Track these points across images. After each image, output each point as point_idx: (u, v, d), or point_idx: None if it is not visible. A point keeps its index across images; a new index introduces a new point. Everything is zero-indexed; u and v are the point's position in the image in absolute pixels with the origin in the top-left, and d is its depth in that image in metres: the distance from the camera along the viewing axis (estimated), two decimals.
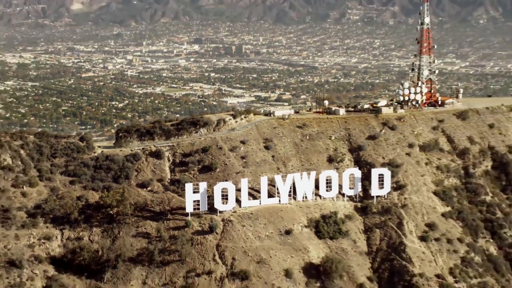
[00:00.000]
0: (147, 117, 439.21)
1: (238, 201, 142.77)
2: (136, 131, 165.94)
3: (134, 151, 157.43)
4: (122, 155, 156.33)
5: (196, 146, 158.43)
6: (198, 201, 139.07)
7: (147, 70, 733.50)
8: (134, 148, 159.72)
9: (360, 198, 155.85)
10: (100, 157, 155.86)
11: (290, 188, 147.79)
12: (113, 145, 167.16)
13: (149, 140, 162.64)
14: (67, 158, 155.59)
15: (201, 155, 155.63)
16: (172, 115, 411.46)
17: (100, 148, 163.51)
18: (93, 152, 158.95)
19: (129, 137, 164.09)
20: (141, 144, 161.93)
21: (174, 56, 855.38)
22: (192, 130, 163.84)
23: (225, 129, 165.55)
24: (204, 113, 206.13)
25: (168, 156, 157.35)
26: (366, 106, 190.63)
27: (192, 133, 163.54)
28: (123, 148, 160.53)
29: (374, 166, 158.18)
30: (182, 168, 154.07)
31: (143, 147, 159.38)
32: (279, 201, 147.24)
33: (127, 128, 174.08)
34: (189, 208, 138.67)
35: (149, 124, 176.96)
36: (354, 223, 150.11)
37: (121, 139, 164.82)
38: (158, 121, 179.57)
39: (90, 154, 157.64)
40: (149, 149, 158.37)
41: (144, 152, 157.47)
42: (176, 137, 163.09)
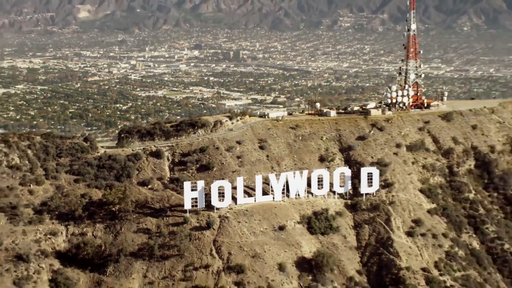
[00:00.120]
0: (150, 118, 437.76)
1: (234, 199, 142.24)
2: (137, 132, 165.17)
3: (135, 151, 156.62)
4: (124, 155, 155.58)
5: (194, 146, 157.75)
6: (196, 198, 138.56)
7: (149, 74, 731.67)
8: (135, 148, 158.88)
9: (350, 195, 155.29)
10: (103, 156, 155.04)
11: (284, 186, 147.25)
12: (116, 145, 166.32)
13: (149, 141, 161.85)
14: (71, 158, 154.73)
15: (199, 154, 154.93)
16: (173, 117, 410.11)
17: (103, 148, 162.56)
18: (97, 152, 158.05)
19: (131, 137, 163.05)
20: (142, 144, 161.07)
21: (175, 61, 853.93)
22: (190, 131, 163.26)
23: (221, 130, 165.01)
24: (203, 115, 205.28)
25: (168, 155, 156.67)
26: (355, 108, 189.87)
27: (190, 134, 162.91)
28: (125, 148, 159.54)
29: (363, 165, 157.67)
30: (181, 167, 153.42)
31: (144, 147, 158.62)
32: (273, 198, 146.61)
33: (129, 129, 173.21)
34: (188, 205, 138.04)
35: (150, 125, 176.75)
36: (344, 219, 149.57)
37: (123, 139, 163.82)
38: (158, 122, 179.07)
39: (93, 154, 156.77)
40: (150, 149, 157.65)
41: (144, 152, 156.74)
42: (175, 137, 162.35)
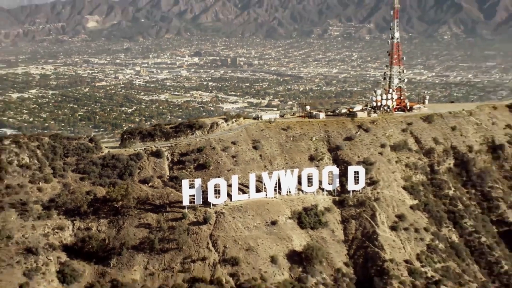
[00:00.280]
0: (153, 121, 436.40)
1: (229, 196, 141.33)
2: (139, 133, 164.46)
3: (137, 151, 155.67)
4: (126, 154, 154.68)
5: (192, 146, 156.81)
6: (194, 195, 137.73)
7: (153, 79, 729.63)
8: (137, 148, 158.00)
9: (338, 192, 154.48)
10: (107, 156, 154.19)
11: (276, 184, 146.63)
12: (119, 146, 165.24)
13: (150, 141, 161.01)
14: (78, 157, 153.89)
15: (197, 154, 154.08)
16: (174, 119, 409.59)
17: (107, 148, 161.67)
18: (101, 152, 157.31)
19: (133, 138, 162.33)
20: (143, 144, 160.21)
21: (177, 68, 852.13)
22: (188, 132, 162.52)
23: (218, 131, 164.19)
24: (202, 117, 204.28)
25: (167, 155, 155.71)
26: (343, 111, 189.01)
27: (188, 135, 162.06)
28: (127, 149, 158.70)
29: (350, 164, 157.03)
30: (179, 166, 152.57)
31: (145, 148, 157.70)
32: (266, 195, 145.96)
33: (131, 130, 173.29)
34: (186, 202, 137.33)
35: (151, 127, 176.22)
36: (332, 214, 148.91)
37: (126, 140, 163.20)
38: (158, 124, 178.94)
39: (98, 154, 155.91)
40: (150, 149, 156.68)
41: (146, 152, 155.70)
42: (175, 138, 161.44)
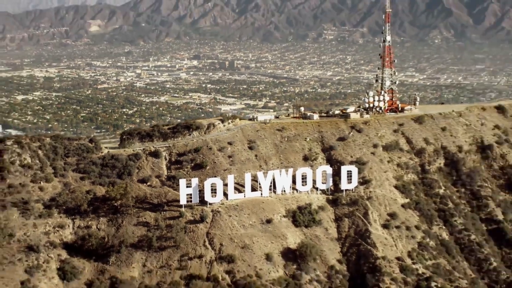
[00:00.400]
0: (153, 122, 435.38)
1: (226, 195, 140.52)
2: (138, 134, 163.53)
3: (136, 151, 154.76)
4: (125, 154, 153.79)
5: (189, 147, 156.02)
6: (191, 194, 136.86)
7: (153, 82, 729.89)
8: (135, 148, 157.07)
9: (331, 191, 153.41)
10: (107, 156, 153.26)
11: (271, 183, 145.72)
12: (118, 146, 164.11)
13: (148, 142, 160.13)
14: (78, 158, 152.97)
15: (194, 154, 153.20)
16: (174, 120, 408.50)
17: (107, 148, 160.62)
18: (101, 152, 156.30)
19: (132, 139, 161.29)
20: (142, 145, 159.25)
21: (176, 70, 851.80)
22: (186, 133, 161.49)
23: (214, 132, 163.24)
24: (200, 118, 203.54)
25: (165, 155, 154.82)
26: (336, 112, 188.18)
27: (186, 136, 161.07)
28: (126, 149, 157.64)
29: (343, 164, 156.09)
30: (177, 166, 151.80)
31: (144, 148, 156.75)
32: (261, 194, 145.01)
33: (130, 131, 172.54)
34: (183, 201, 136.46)
35: (149, 127, 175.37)
36: (326, 213, 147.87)
37: (125, 141, 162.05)
38: (156, 125, 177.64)
39: (98, 154, 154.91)
40: (149, 149, 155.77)
41: (144, 152, 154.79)
42: (172, 139, 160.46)
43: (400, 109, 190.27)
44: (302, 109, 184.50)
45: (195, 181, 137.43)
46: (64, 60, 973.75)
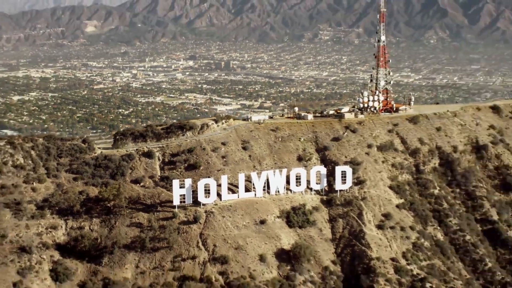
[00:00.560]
0: (149, 122, 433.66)
1: (219, 195, 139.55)
2: (131, 134, 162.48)
3: (129, 152, 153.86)
4: (118, 155, 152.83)
5: (182, 147, 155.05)
6: (184, 195, 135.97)
7: (149, 82, 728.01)
8: (129, 149, 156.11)
9: (325, 192, 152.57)
10: (100, 157, 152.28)
11: (265, 184, 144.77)
12: (111, 146, 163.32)
13: (142, 142, 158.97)
14: (71, 158, 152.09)
15: (187, 155, 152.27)
16: (170, 121, 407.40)
17: (100, 149, 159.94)
18: (94, 152, 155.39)
19: (125, 139, 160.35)
20: (135, 145, 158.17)
21: (172, 71, 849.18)
22: (179, 133, 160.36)
23: (208, 132, 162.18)
24: (196, 119, 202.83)
25: (159, 156, 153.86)
26: (331, 112, 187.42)
27: (179, 136, 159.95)
28: (120, 149, 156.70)
29: (338, 164, 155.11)
30: (170, 166, 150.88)
31: (137, 148, 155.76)
32: (255, 195, 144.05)
33: (123, 131, 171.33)
34: (176, 201, 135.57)
35: (143, 128, 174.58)
36: (320, 213, 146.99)
37: (118, 141, 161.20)
38: (150, 125, 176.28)
39: (91, 154, 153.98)
40: (142, 150, 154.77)
41: (137, 153, 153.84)
42: (166, 139, 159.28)
43: (394, 109, 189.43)
44: (296, 109, 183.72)
45: (188, 181, 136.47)
46: (60, 61, 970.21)
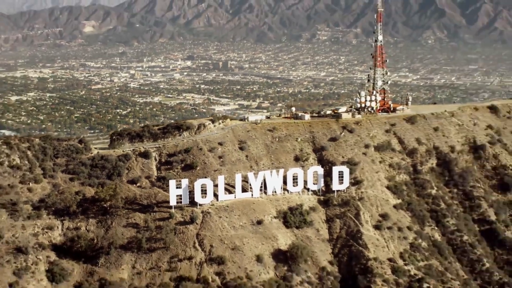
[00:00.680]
0: (147, 122, 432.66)
1: (216, 195, 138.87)
2: (128, 134, 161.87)
3: (126, 152, 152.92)
4: (115, 155, 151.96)
5: (179, 147, 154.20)
6: (181, 195, 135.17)
7: (147, 82, 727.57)
8: (125, 149, 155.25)
9: (322, 192, 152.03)
10: (96, 157, 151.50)
11: (261, 184, 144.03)
12: (108, 146, 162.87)
13: (138, 142, 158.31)
14: (67, 158, 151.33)
15: (184, 155, 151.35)
16: (167, 121, 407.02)
17: (96, 149, 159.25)
18: (90, 153, 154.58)
19: (122, 139, 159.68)
20: (131, 145, 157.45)
21: (170, 71, 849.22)
22: (176, 133, 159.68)
23: (205, 132, 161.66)
24: (192, 119, 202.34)
25: (155, 156, 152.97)
26: (328, 112, 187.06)
27: (176, 136, 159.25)
28: (116, 149, 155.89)
29: (335, 164, 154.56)
30: (167, 166, 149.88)
31: (134, 148, 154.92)
32: (252, 195, 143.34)
33: (120, 131, 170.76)
34: (173, 202, 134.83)
35: (139, 128, 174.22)
36: (317, 214, 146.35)
37: (115, 141, 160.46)
38: (146, 125, 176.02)
39: (87, 154, 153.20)
40: (139, 150, 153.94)
41: (134, 153, 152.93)
42: (162, 139, 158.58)
43: (392, 109, 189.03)
44: (293, 109, 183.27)
45: (185, 182, 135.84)
46: (58, 61, 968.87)
